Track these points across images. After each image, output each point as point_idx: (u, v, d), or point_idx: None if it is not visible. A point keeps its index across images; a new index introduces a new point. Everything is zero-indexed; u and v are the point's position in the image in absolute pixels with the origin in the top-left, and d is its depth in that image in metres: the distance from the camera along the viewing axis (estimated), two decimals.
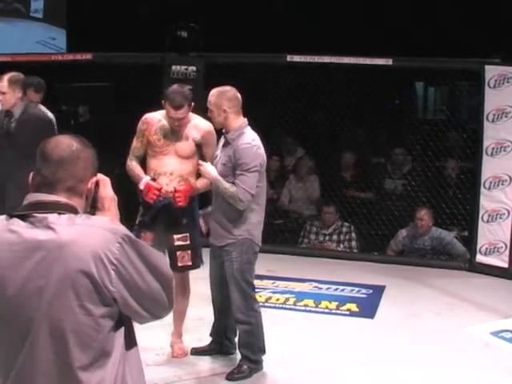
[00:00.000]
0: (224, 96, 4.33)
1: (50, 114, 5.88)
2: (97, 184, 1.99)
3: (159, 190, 4.44)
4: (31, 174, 1.97)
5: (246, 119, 4.40)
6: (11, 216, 1.91)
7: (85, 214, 1.94)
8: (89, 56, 7.09)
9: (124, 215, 2.08)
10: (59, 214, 1.88)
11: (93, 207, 1.99)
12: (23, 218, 1.89)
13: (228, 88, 4.39)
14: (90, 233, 1.86)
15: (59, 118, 6.51)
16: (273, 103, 7.47)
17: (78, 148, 1.96)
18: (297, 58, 7.08)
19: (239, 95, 4.39)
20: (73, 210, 1.91)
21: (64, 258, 1.82)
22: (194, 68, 7.18)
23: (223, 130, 4.40)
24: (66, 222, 1.86)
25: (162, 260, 1.98)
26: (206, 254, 4.75)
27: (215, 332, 4.77)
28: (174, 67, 7.19)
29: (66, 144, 1.95)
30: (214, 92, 4.38)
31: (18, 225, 1.88)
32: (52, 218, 1.86)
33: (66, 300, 1.83)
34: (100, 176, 2.01)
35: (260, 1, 9.31)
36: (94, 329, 1.85)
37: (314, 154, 7.99)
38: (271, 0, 9.54)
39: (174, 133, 4.51)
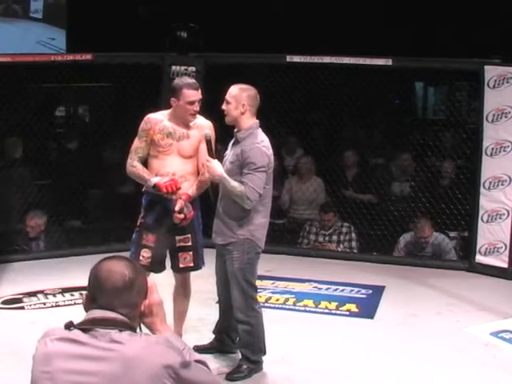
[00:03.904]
0: (246, 92, 4.35)
1: None
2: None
3: (178, 188, 4.42)
4: (85, 294, 2.05)
5: (258, 121, 4.40)
6: (69, 327, 1.98)
7: (144, 333, 2.02)
8: (89, 56, 7.08)
9: (124, 216, 2.10)
10: (120, 330, 1.95)
11: (140, 316, 2.07)
12: (84, 331, 1.97)
13: (251, 87, 4.40)
14: (153, 350, 1.94)
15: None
16: (273, 103, 7.46)
17: (131, 277, 2.02)
18: (296, 59, 7.08)
19: (259, 97, 4.40)
20: (132, 329, 1.99)
21: (129, 373, 1.89)
22: (194, 68, 7.18)
23: (235, 130, 4.41)
24: (128, 338, 1.94)
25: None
26: (207, 254, 4.75)
27: (218, 330, 4.78)
28: (173, 67, 7.19)
29: (119, 273, 2.01)
30: (236, 86, 4.38)
31: (80, 336, 1.96)
32: (114, 333, 1.94)
33: None
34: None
35: (260, 1, 9.31)
36: None
37: (314, 155, 7.98)
38: (271, 0, 9.55)
39: (176, 132, 4.52)
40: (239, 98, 4.32)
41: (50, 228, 7.12)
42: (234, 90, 4.36)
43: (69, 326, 1.99)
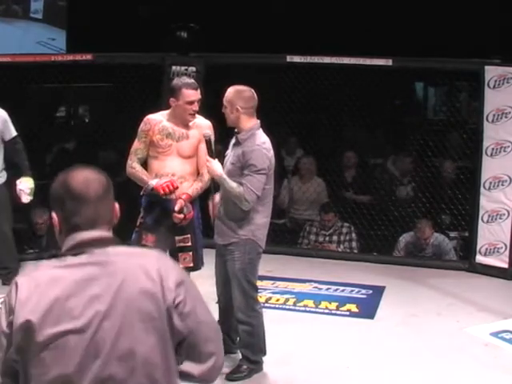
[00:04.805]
0: (240, 95, 4.33)
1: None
2: None
3: (175, 188, 4.42)
4: (56, 215, 1.93)
5: (258, 121, 4.39)
6: (59, 256, 1.90)
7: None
8: (89, 56, 7.09)
9: (126, 217, 2.10)
10: (114, 246, 1.91)
11: None
12: (76, 255, 1.88)
13: (246, 88, 4.37)
14: (154, 258, 1.93)
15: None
16: (273, 103, 7.46)
17: (108, 180, 1.96)
18: (297, 59, 7.08)
19: (256, 97, 4.38)
20: (122, 244, 1.95)
21: (130, 282, 1.85)
22: (194, 68, 7.18)
23: (235, 130, 4.41)
24: (125, 252, 1.91)
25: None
26: (207, 254, 4.75)
27: None
28: (173, 67, 7.19)
29: (97, 180, 1.93)
30: (231, 89, 4.37)
31: (72, 260, 1.87)
32: (110, 249, 1.89)
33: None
34: None
35: (260, 1, 9.31)
36: None
37: (314, 155, 7.98)
38: (271, 0, 9.54)
39: (176, 133, 4.52)
40: (233, 101, 4.31)
41: (50, 228, 7.13)
42: (228, 94, 4.35)
43: (56, 255, 1.91)
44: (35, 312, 1.79)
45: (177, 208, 4.43)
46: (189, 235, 4.61)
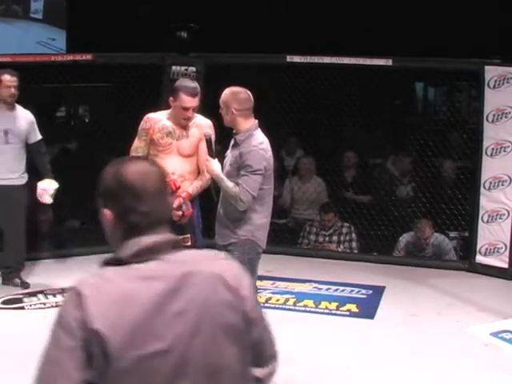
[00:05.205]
0: (235, 97, 4.31)
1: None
2: None
3: (177, 187, 4.44)
4: (108, 212, 1.76)
5: (256, 121, 4.39)
6: (121, 263, 1.71)
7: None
8: (89, 56, 7.09)
9: None
10: (179, 249, 1.77)
11: None
12: (144, 261, 1.70)
13: (241, 90, 4.35)
14: (226, 264, 1.83)
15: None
16: (273, 103, 7.46)
17: (163, 173, 1.81)
18: (297, 59, 7.08)
19: (252, 98, 4.36)
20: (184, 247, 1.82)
21: (211, 294, 1.73)
22: (194, 68, 7.19)
23: (234, 131, 4.40)
24: (195, 257, 1.78)
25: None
26: None
27: None
28: (173, 67, 7.20)
29: (153, 172, 1.77)
30: (226, 91, 4.36)
31: (144, 270, 1.69)
32: (180, 255, 1.74)
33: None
34: None
35: (260, 1, 9.31)
36: None
37: (314, 155, 7.98)
38: (271, 0, 9.55)
39: (176, 131, 4.53)
40: (228, 103, 4.30)
41: (50, 228, 7.15)
42: (224, 96, 4.35)
43: (116, 261, 1.69)
44: (114, 333, 1.61)
45: (175, 206, 4.44)
46: (188, 235, 4.61)
